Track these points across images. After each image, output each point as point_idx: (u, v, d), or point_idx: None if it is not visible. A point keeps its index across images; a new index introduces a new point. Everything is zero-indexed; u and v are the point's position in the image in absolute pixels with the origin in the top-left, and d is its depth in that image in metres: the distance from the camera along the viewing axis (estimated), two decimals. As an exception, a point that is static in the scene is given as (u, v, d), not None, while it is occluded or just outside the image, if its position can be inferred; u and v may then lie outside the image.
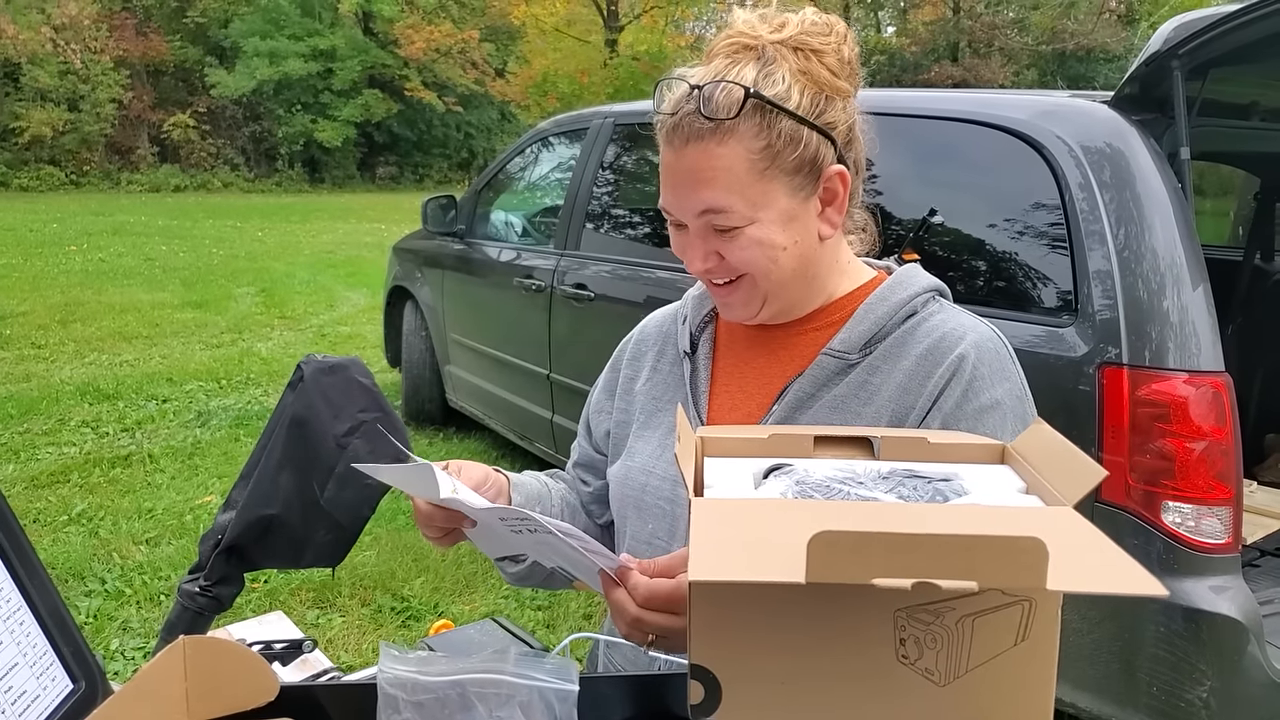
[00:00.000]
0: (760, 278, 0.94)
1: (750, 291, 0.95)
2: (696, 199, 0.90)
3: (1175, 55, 1.88)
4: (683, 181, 0.91)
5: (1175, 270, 1.87)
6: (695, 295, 1.10)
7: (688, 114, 0.89)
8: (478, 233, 4.55)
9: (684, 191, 0.91)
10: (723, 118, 0.87)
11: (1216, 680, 1.74)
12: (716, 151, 0.88)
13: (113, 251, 12.04)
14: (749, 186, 0.89)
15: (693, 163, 0.90)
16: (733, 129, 0.88)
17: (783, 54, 0.90)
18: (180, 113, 25.98)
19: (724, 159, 0.89)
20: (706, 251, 0.93)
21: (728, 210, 0.90)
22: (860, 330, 0.96)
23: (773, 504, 0.61)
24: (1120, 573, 0.46)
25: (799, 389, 0.96)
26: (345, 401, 1.01)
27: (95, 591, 3.18)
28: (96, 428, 5.00)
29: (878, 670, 0.55)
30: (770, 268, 0.93)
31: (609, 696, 0.65)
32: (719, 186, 0.89)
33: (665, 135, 0.92)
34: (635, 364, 1.13)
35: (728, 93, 0.87)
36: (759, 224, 0.91)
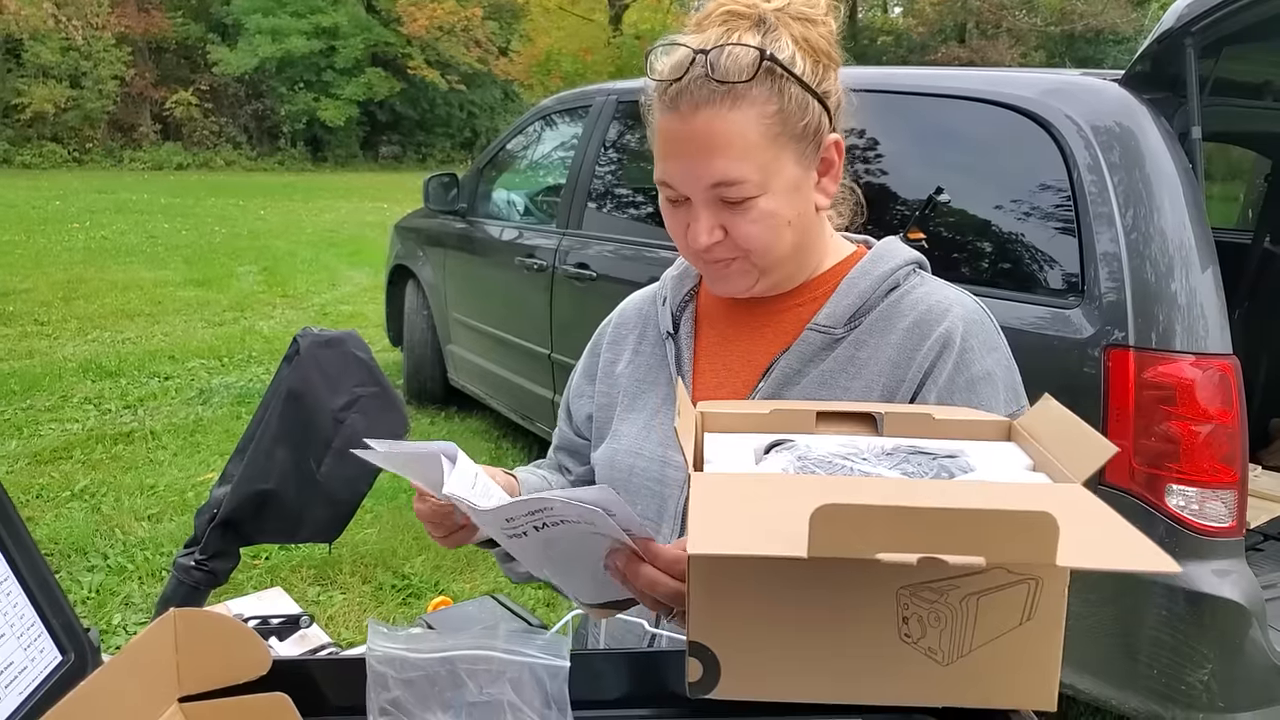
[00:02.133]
0: (763, 252, 0.91)
1: (746, 266, 0.93)
2: (709, 169, 0.86)
3: (1188, 32, 1.85)
4: (693, 150, 0.86)
5: (1184, 252, 1.85)
6: (674, 275, 1.09)
7: (696, 78, 0.85)
8: (480, 211, 4.52)
9: (694, 161, 0.86)
10: (735, 80, 0.84)
11: (1218, 664, 1.74)
12: (730, 117, 0.85)
13: (115, 229, 12.01)
14: (763, 153, 0.86)
15: (704, 129, 0.85)
16: (745, 93, 0.84)
17: (784, 21, 0.87)
18: (182, 90, 25.83)
19: (738, 124, 0.85)
20: (712, 226, 0.89)
21: (742, 180, 0.86)
22: (845, 304, 0.95)
23: (774, 479, 0.60)
24: (1132, 549, 0.45)
25: (785, 365, 0.95)
26: (342, 376, 1.00)
27: (98, 567, 3.19)
28: (99, 404, 5.01)
29: (880, 649, 0.54)
30: (774, 242, 0.91)
31: (605, 673, 0.64)
32: (733, 155, 0.85)
33: (668, 101, 0.87)
34: (616, 347, 1.12)
35: (738, 56, 0.84)
36: (770, 194, 0.88)
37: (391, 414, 1.01)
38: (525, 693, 0.54)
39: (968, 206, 2.34)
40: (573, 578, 0.77)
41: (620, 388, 1.08)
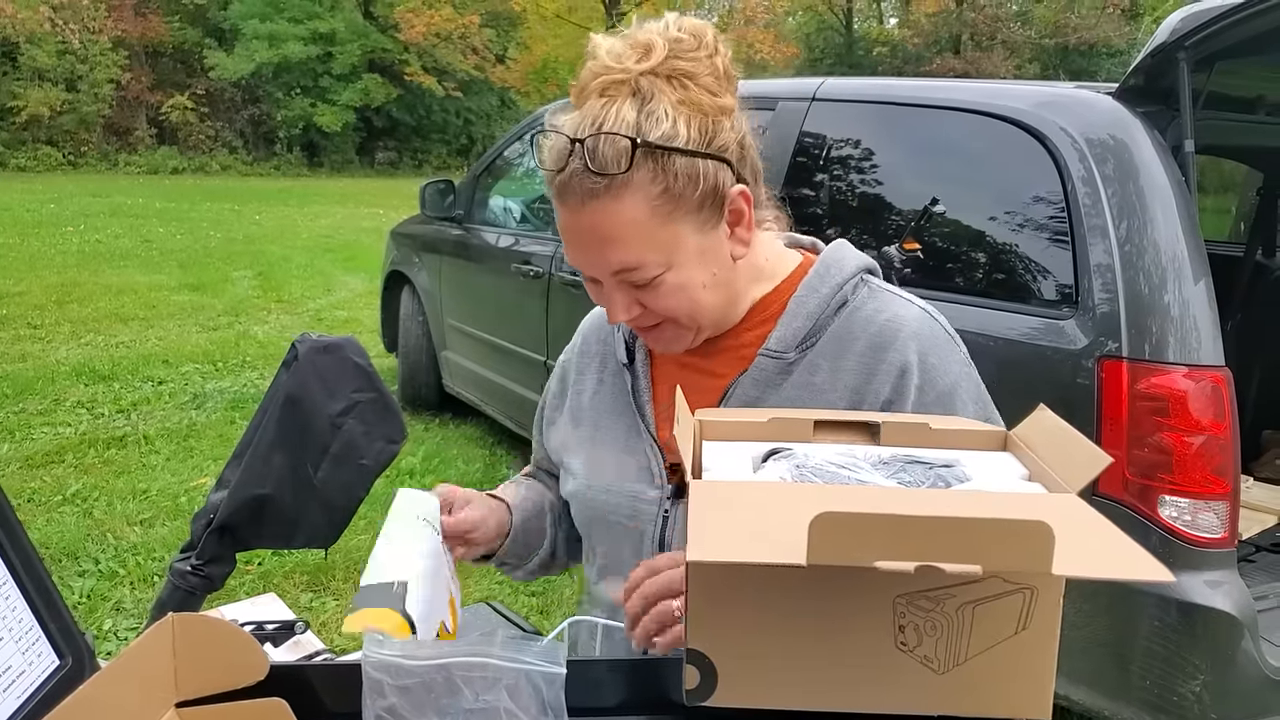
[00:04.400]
0: (688, 317, 0.91)
1: (677, 329, 0.93)
2: (605, 260, 0.86)
3: (1182, 46, 1.87)
4: (587, 242, 0.86)
5: (1177, 264, 1.87)
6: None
7: (576, 172, 0.83)
8: (476, 218, 4.53)
9: (590, 252, 0.87)
10: (614, 172, 0.81)
11: (1210, 674, 1.74)
12: (614, 208, 0.83)
13: (110, 233, 11.99)
14: (656, 235, 0.85)
15: (593, 223, 0.84)
16: (627, 182, 0.82)
17: (658, 86, 0.83)
18: (178, 94, 25.83)
19: (625, 214, 0.83)
20: (628, 303, 0.89)
21: (640, 265, 0.85)
22: (794, 328, 0.93)
23: (772, 487, 0.60)
24: (1127, 559, 0.46)
25: (742, 392, 0.94)
26: (340, 381, 1.00)
27: (89, 572, 3.17)
28: (92, 408, 4.99)
29: (876, 658, 0.54)
30: (695, 306, 0.90)
31: (603, 681, 0.64)
32: (627, 244, 0.84)
33: (556, 193, 0.86)
34: (583, 377, 1.10)
35: (613, 144, 0.81)
36: (676, 268, 0.87)
37: (389, 420, 1.01)
38: (521, 699, 0.55)
39: (962, 217, 2.35)
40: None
41: (587, 419, 1.07)
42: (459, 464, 4.29)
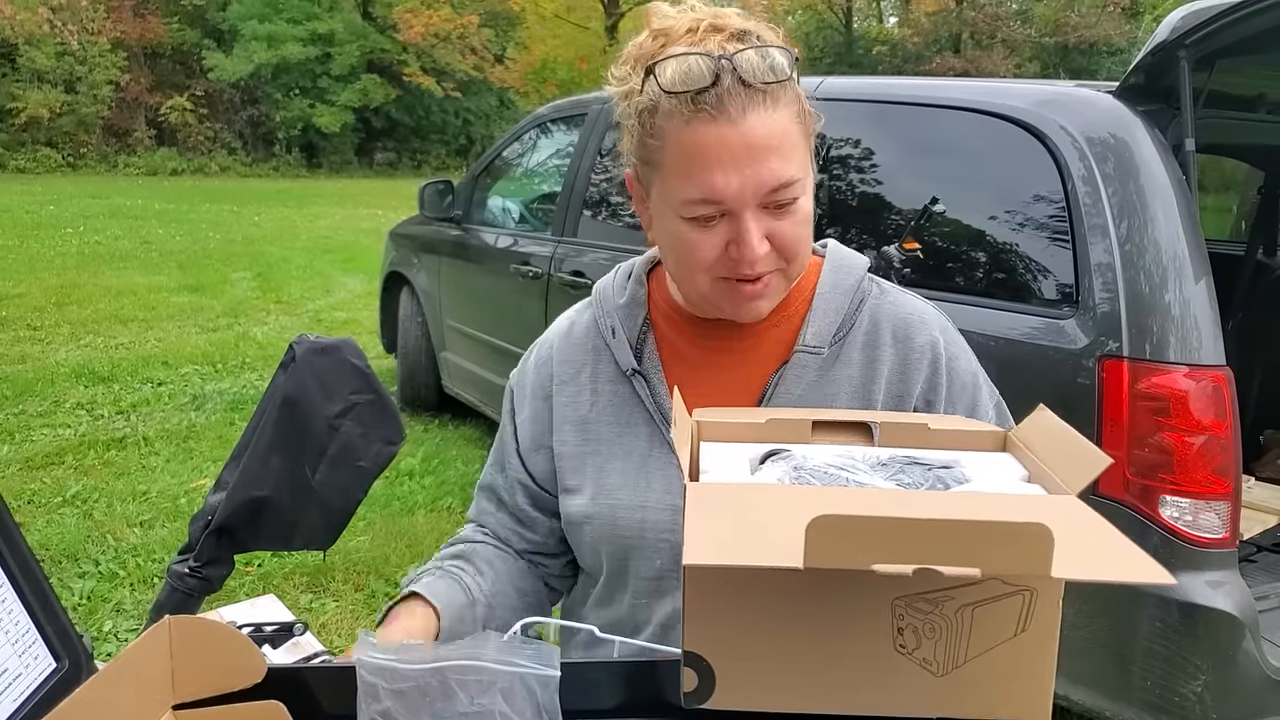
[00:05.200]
0: (800, 259, 0.88)
1: (781, 279, 0.89)
2: (766, 172, 0.81)
3: (1182, 45, 1.86)
4: (748, 156, 0.81)
5: (1177, 263, 1.86)
6: (620, 305, 1.02)
7: (731, 85, 0.80)
8: (475, 218, 4.53)
9: (748, 165, 0.81)
10: (773, 80, 0.81)
11: (1211, 675, 1.74)
12: (775, 118, 0.81)
13: (109, 234, 11.99)
14: (802, 150, 0.84)
15: (755, 133, 0.80)
16: (784, 92, 0.82)
17: (763, 30, 0.85)
18: (178, 96, 25.86)
19: (782, 123, 0.82)
20: (761, 235, 0.84)
21: (794, 180, 0.83)
22: (828, 322, 0.93)
23: (769, 489, 0.60)
24: (1127, 561, 0.45)
25: (784, 389, 0.92)
26: (337, 383, 1.00)
27: (89, 573, 3.17)
28: (91, 410, 4.99)
29: (874, 660, 0.54)
30: (807, 246, 0.88)
31: (601, 683, 0.64)
32: (785, 155, 0.82)
33: (710, 110, 0.80)
34: (568, 388, 1.02)
35: (769, 55, 0.81)
36: (806, 195, 0.85)
37: (387, 422, 1.00)
38: (516, 702, 0.54)
39: (962, 217, 2.35)
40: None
41: (594, 434, 0.99)
42: (458, 465, 4.29)
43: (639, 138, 0.88)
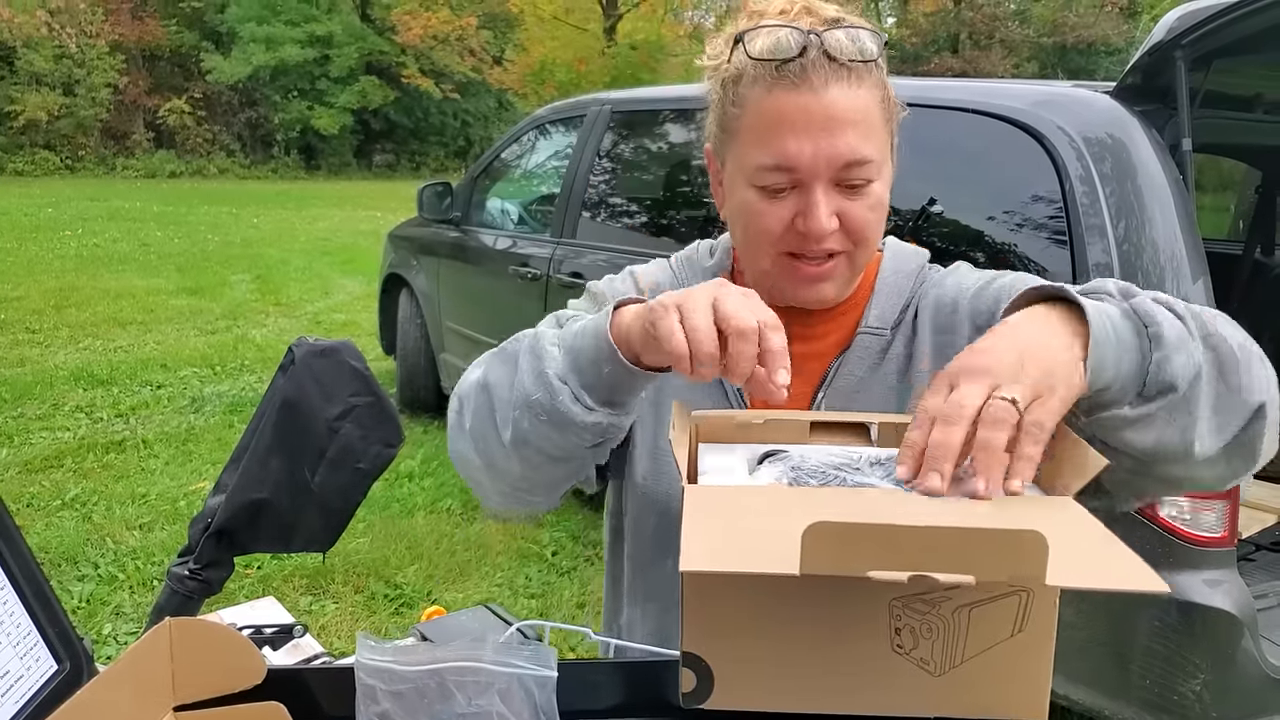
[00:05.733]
0: (869, 246, 0.86)
1: (847, 265, 0.87)
2: (845, 145, 0.81)
3: (1179, 45, 1.87)
4: (825, 125, 0.80)
5: (1175, 263, 1.87)
6: (706, 268, 1.00)
7: (817, 58, 0.80)
8: (473, 220, 4.53)
9: (827, 137, 0.80)
10: (860, 59, 0.81)
11: (1210, 674, 1.74)
12: (858, 94, 0.81)
13: (108, 237, 11.99)
14: (881, 133, 0.84)
15: (838, 104, 0.80)
16: (870, 72, 0.82)
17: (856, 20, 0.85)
18: (176, 98, 25.84)
19: (863, 100, 0.82)
20: (831, 212, 0.83)
21: (869, 160, 0.82)
22: (891, 305, 0.93)
23: (766, 492, 0.60)
24: (1122, 568, 0.46)
25: (847, 371, 0.91)
26: (337, 385, 1.00)
27: (88, 576, 3.17)
28: (90, 413, 4.99)
29: (872, 660, 0.54)
30: (878, 234, 0.87)
31: (600, 684, 0.64)
32: (862, 132, 0.82)
33: (789, 78, 0.81)
34: None
35: (863, 37, 0.82)
36: (881, 180, 0.85)
37: (386, 424, 1.00)
38: (514, 703, 0.54)
39: (961, 217, 2.36)
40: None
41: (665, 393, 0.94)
42: (458, 466, 4.29)
43: (722, 107, 0.88)
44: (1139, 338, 0.68)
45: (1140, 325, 0.69)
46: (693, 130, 3.60)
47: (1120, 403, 0.68)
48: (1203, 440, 0.69)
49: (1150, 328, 0.68)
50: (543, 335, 0.82)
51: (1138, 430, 0.69)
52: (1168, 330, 0.68)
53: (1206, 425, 0.69)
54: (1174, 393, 0.67)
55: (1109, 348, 0.66)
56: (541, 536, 3.60)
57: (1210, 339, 0.71)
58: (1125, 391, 0.68)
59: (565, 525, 3.69)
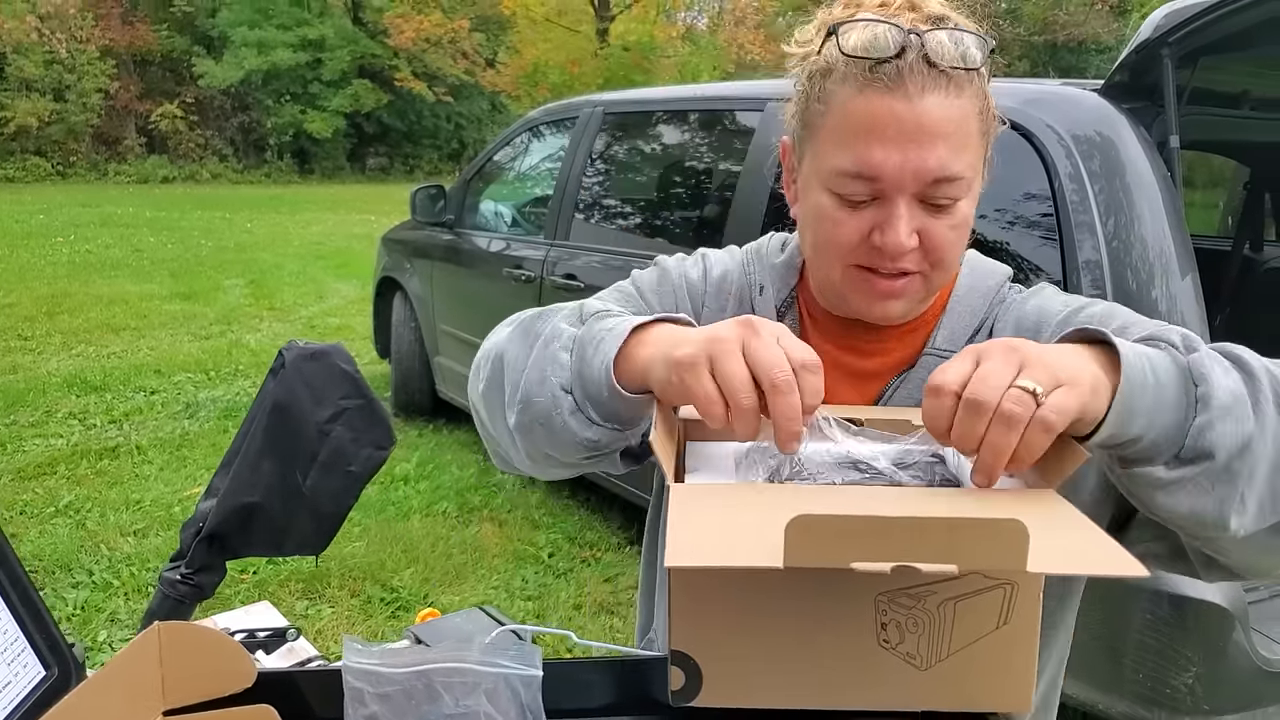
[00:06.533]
0: (947, 267, 0.80)
1: (921, 284, 0.81)
2: (930, 157, 0.74)
3: (1165, 43, 1.87)
4: (917, 137, 0.74)
5: (1164, 260, 1.87)
6: (778, 263, 0.94)
7: (915, 61, 0.74)
8: (467, 223, 4.53)
9: (917, 149, 0.74)
10: (963, 67, 0.75)
11: (1202, 667, 1.75)
12: (955, 104, 0.75)
13: (100, 243, 11.96)
14: (974, 148, 0.78)
15: (933, 113, 0.74)
16: (966, 85, 0.76)
17: (962, 20, 0.79)
18: (168, 103, 25.79)
19: (961, 113, 0.75)
20: (911, 229, 0.77)
21: (960, 177, 0.76)
22: (962, 324, 0.86)
23: (750, 489, 0.60)
24: (1101, 554, 0.46)
25: (906, 394, 0.85)
26: (327, 388, 1.00)
27: (83, 583, 3.16)
28: (84, 419, 4.97)
29: (859, 655, 0.54)
30: (958, 256, 0.81)
31: (590, 682, 0.64)
32: (955, 146, 0.75)
33: (886, 81, 0.75)
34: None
35: (967, 43, 0.76)
36: (969, 198, 0.78)
37: (376, 427, 1.01)
38: (500, 703, 0.55)
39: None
40: None
41: None
42: (453, 469, 4.29)
43: (805, 101, 0.82)
44: (1184, 394, 0.62)
45: (1190, 383, 0.62)
46: (685, 131, 3.60)
47: (1154, 460, 0.63)
48: (1241, 517, 0.63)
49: (1200, 386, 0.62)
50: (558, 334, 0.77)
51: (1170, 494, 0.63)
52: (1219, 391, 0.62)
53: (1255, 501, 0.63)
54: (1211, 461, 0.61)
55: (1144, 396, 0.61)
56: (538, 538, 3.60)
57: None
58: (1160, 449, 0.62)
59: (561, 527, 3.69)
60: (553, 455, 0.79)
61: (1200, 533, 0.66)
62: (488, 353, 0.88)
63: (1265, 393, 0.63)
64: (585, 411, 0.72)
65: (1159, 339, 0.67)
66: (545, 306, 0.86)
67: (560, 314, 0.82)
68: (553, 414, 0.73)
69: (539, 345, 0.78)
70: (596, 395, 0.72)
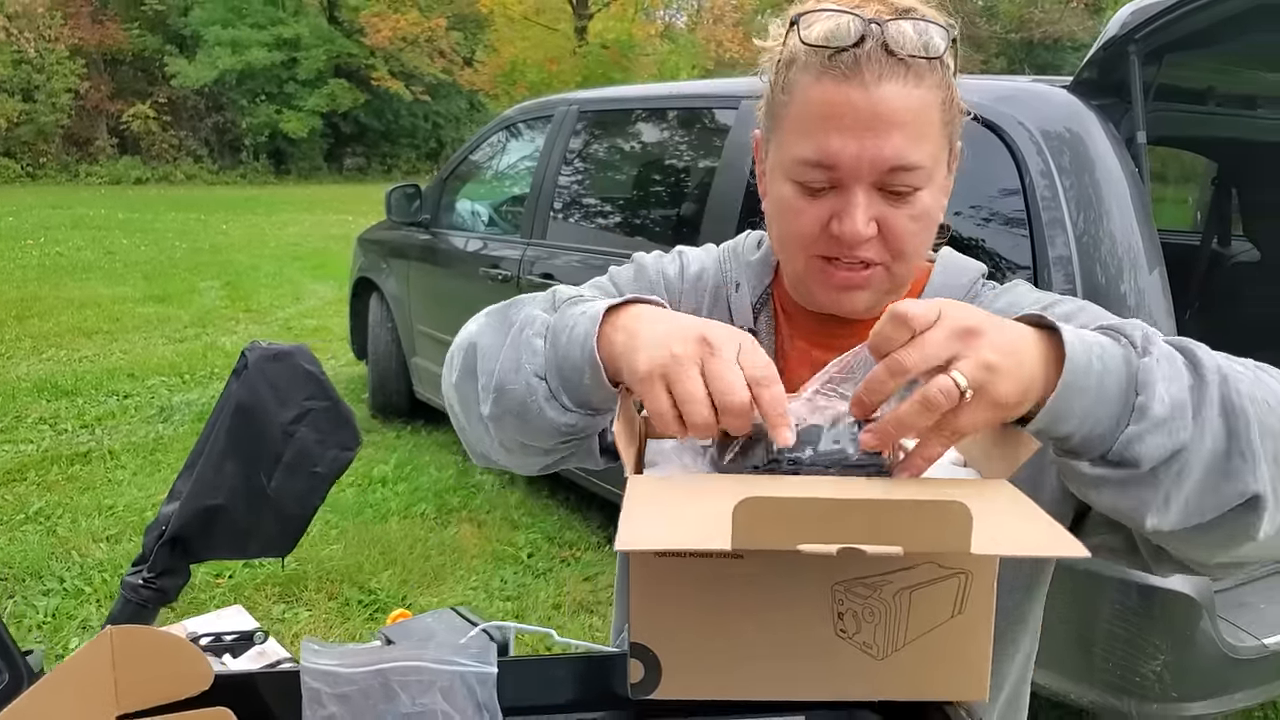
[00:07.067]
0: (909, 257, 0.80)
1: (885, 276, 0.81)
2: (891, 148, 0.74)
3: (1132, 40, 1.89)
4: (873, 124, 0.74)
5: (1132, 255, 1.89)
6: (753, 261, 0.95)
7: (874, 50, 0.74)
8: (443, 222, 4.51)
9: (873, 137, 0.74)
10: (923, 55, 0.75)
11: (1170, 655, 1.77)
12: (913, 93, 0.75)
13: (71, 245, 11.81)
14: (934, 139, 0.77)
15: (890, 102, 0.74)
16: (930, 71, 0.76)
17: (931, 12, 0.78)
18: (140, 103, 25.50)
19: (919, 101, 0.75)
20: (869, 218, 0.77)
21: (918, 166, 0.76)
22: None
23: (703, 478, 0.60)
24: (1044, 536, 0.46)
25: None
26: (291, 389, 0.99)
27: (54, 590, 3.12)
28: (54, 424, 4.91)
29: (816, 645, 0.54)
30: (920, 247, 0.80)
31: (551, 678, 0.64)
32: (912, 135, 0.75)
33: (840, 70, 0.75)
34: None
35: (926, 30, 0.75)
36: (930, 188, 0.78)
37: (342, 428, 1.00)
38: (456, 701, 0.55)
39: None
40: None
41: None
42: (431, 470, 4.27)
43: (772, 93, 0.83)
44: (1123, 400, 0.61)
45: (1133, 390, 0.61)
46: (661, 129, 3.60)
47: (1080, 456, 0.62)
48: (1162, 517, 0.62)
49: (1140, 395, 0.60)
50: (531, 321, 0.77)
51: (1090, 488, 0.63)
52: (1157, 404, 0.60)
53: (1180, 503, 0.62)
54: (1135, 469, 0.60)
55: (1082, 398, 0.60)
56: (517, 538, 3.59)
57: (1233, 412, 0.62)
58: (1088, 448, 0.62)
59: (540, 527, 3.68)
60: (529, 444, 0.79)
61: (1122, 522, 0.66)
62: (461, 343, 0.88)
63: (1211, 397, 0.62)
64: (559, 398, 0.72)
65: (1121, 332, 0.67)
66: (518, 296, 0.86)
67: (534, 302, 0.82)
68: (528, 401, 0.73)
69: (513, 332, 0.77)
70: (573, 380, 0.71)
